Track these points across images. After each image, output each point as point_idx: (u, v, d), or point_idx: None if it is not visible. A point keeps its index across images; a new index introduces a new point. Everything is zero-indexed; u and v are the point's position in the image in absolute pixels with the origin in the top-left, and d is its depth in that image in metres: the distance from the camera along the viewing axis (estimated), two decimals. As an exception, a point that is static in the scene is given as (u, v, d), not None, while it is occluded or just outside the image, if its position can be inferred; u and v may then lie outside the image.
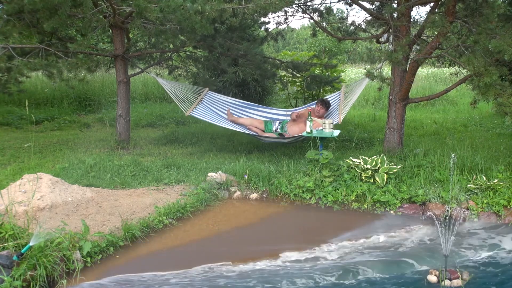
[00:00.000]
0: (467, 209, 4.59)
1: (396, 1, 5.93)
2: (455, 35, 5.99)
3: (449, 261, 3.61)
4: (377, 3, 6.84)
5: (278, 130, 6.70)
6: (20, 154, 6.70)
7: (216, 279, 3.47)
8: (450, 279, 3.49)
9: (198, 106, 6.80)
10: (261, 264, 3.70)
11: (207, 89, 7.22)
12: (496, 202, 4.63)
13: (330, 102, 6.73)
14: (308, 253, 3.90)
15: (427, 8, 6.11)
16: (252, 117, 7.05)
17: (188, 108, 6.64)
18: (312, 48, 19.98)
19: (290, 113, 6.99)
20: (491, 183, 4.77)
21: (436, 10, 5.84)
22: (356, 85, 6.48)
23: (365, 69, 5.72)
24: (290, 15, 7.56)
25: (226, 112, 7.00)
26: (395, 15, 5.75)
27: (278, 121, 6.83)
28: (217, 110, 7.03)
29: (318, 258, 3.83)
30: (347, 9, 8.66)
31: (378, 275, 3.61)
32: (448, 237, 3.67)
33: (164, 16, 5.57)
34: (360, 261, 3.81)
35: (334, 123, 5.82)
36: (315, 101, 7.05)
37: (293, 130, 6.57)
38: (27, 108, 7.20)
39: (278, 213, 4.82)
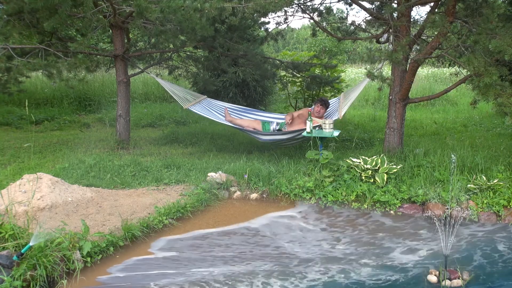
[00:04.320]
0: (467, 209, 4.59)
1: (396, 1, 5.93)
2: (455, 35, 5.99)
3: (449, 261, 3.61)
4: (377, 3, 6.84)
5: (276, 130, 6.67)
6: (20, 154, 6.70)
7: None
8: (450, 279, 3.49)
9: (196, 104, 6.81)
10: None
11: (205, 96, 7.17)
12: (496, 202, 4.63)
13: (330, 104, 6.72)
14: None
15: (427, 8, 6.12)
16: (249, 119, 7.02)
17: (186, 104, 6.66)
18: (312, 48, 19.99)
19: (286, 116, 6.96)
20: (491, 183, 4.77)
21: (436, 10, 5.84)
22: (356, 86, 6.48)
23: (365, 69, 5.72)
24: (290, 15, 7.57)
25: (223, 113, 6.98)
26: (395, 15, 5.75)
27: (275, 122, 6.80)
28: (215, 112, 7.01)
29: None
30: (347, 9, 8.67)
31: (378, 274, 3.61)
32: (448, 237, 3.67)
33: (165, 17, 5.57)
34: (361, 260, 3.82)
35: (334, 118, 5.81)
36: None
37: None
38: (27, 108, 7.20)
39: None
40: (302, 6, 7.37)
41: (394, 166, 5.15)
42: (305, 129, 5.80)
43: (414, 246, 4.07)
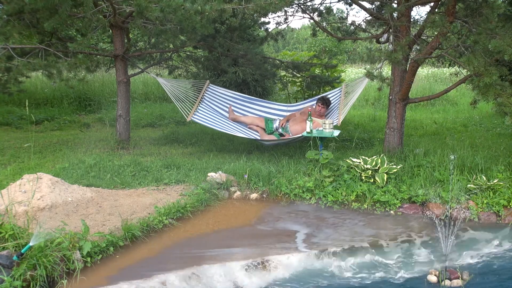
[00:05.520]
0: (467, 209, 4.59)
1: (396, 1, 5.93)
2: (455, 35, 5.99)
3: (449, 261, 3.61)
4: (377, 3, 6.84)
5: (279, 129, 6.69)
6: (20, 154, 6.70)
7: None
8: (450, 279, 3.49)
9: (199, 107, 6.78)
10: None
11: (208, 81, 7.20)
12: (496, 202, 4.63)
13: (331, 99, 6.72)
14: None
15: (427, 8, 6.12)
16: (253, 115, 7.03)
17: (190, 110, 6.62)
18: (312, 48, 19.99)
19: (288, 114, 6.99)
20: (491, 183, 4.77)
21: (436, 10, 5.84)
22: (356, 85, 6.48)
23: (365, 69, 5.72)
24: (290, 15, 7.58)
25: (227, 109, 6.99)
26: (395, 15, 5.75)
27: (278, 120, 6.83)
28: (218, 108, 7.01)
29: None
30: (347, 9, 8.68)
31: (378, 274, 3.61)
32: (448, 237, 3.67)
33: (165, 16, 5.57)
34: (359, 260, 3.82)
35: (334, 123, 5.82)
36: (314, 98, 7.06)
37: (295, 129, 6.55)
38: (27, 108, 7.20)
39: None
40: (302, 6, 7.37)
41: (394, 166, 5.15)
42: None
43: (414, 246, 4.07)
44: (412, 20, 6.08)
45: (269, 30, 8.85)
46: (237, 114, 6.99)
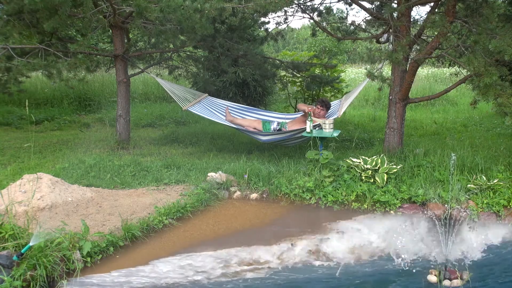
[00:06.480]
0: (467, 209, 4.59)
1: (396, 1, 5.94)
2: (455, 35, 5.99)
3: (449, 261, 3.61)
4: (377, 3, 6.85)
5: (277, 130, 6.67)
6: (20, 154, 6.70)
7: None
8: (450, 279, 3.50)
9: (196, 105, 6.81)
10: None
11: (206, 94, 7.19)
12: (496, 202, 4.62)
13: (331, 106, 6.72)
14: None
15: (427, 8, 6.13)
16: (250, 118, 7.02)
17: (186, 105, 6.66)
18: (312, 48, 19.99)
19: (297, 114, 6.96)
20: (491, 183, 4.77)
21: (436, 10, 5.85)
22: (355, 88, 6.49)
23: (365, 69, 5.72)
24: (290, 15, 7.58)
25: (224, 112, 6.98)
26: (395, 15, 5.76)
27: (276, 122, 6.80)
28: (215, 111, 7.01)
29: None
30: (347, 9, 8.64)
31: (378, 274, 3.62)
32: (448, 237, 3.67)
33: (164, 16, 5.57)
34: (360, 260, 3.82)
35: (334, 117, 5.81)
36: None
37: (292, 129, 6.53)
38: (27, 108, 7.20)
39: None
40: (302, 6, 7.37)
41: (394, 166, 5.15)
42: (305, 128, 5.81)
43: (414, 246, 4.08)
44: (412, 20, 6.08)
45: (269, 30, 8.85)
46: (234, 116, 6.97)
